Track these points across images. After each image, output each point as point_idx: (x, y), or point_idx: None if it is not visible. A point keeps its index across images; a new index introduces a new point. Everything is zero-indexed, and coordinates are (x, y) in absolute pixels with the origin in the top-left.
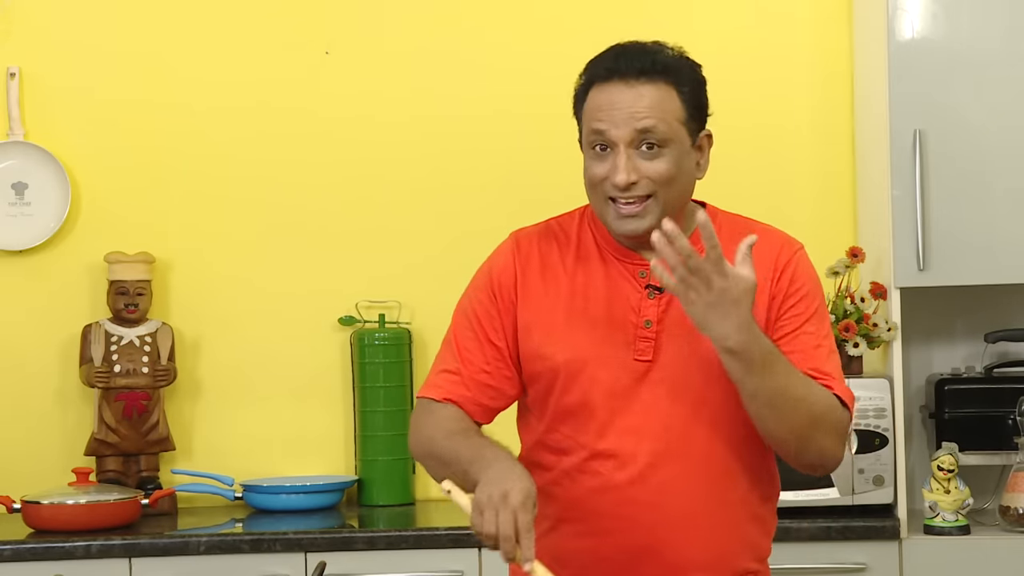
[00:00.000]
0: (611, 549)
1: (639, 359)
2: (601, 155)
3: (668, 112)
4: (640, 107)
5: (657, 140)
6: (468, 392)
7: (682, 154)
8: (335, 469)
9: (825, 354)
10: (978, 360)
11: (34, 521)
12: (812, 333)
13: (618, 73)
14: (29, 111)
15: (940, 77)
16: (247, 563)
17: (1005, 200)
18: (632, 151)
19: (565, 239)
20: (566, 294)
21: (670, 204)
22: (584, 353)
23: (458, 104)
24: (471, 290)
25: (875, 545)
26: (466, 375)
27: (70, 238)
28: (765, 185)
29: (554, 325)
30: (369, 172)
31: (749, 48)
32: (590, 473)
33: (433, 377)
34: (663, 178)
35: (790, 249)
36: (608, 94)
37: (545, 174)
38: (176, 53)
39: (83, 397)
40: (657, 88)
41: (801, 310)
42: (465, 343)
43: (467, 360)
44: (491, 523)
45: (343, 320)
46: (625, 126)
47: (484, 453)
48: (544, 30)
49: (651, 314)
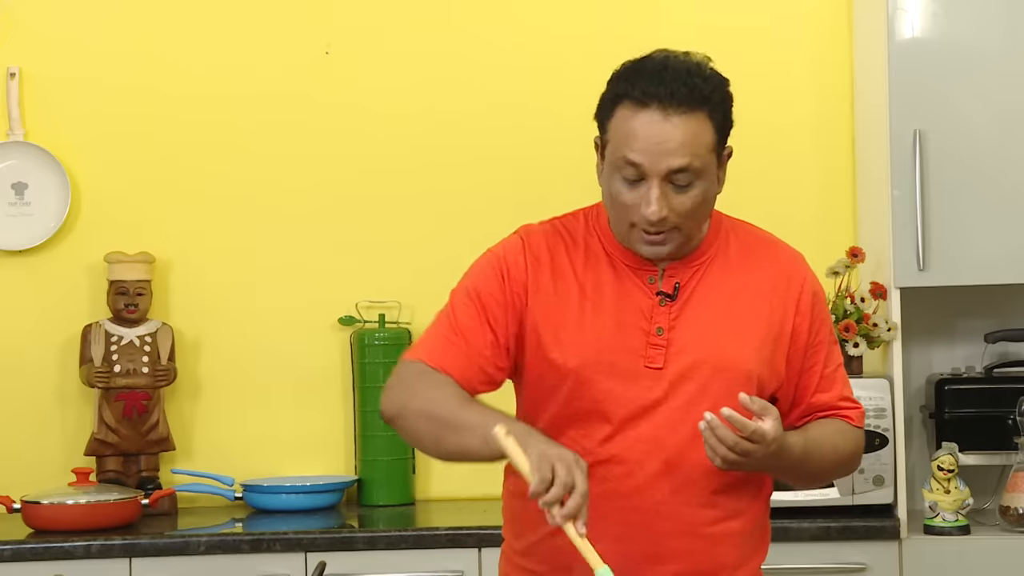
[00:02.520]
0: (616, 556)
1: (650, 366)
2: (631, 184)
3: (701, 145)
4: (675, 143)
5: (690, 178)
6: (462, 368)
7: (710, 182)
8: (335, 469)
9: (844, 377)
10: (978, 360)
11: (34, 521)
12: (834, 360)
13: (656, 100)
14: (29, 111)
15: (940, 77)
16: (247, 563)
17: (1005, 200)
18: (665, 184)
19: (572, 241)
20: (576, 297)
21: (691, 235)
22: (594, 359)
23: (458, 104)
24: (475, 271)
25: (875, 545)
26: (464, 350)
27: (70, 238)
28: (765, 185)
29: (564, 328)
30: (369, 172)
31: (749, 48)
32: (597, 479)
33: (430, 342)
34: (691, 212)
35: (800, 275)
36: (643, 123)
37: (546, 174)
38: (176, 53)
39: (83, 397)
40: (694, 119)
41: (822, 339)
42: (466, 321)
43: (467, 337)
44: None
45: (343, 320)
46: (661, 162)
47: (510, 422)
48: (545, 30)
49: (663, 321)
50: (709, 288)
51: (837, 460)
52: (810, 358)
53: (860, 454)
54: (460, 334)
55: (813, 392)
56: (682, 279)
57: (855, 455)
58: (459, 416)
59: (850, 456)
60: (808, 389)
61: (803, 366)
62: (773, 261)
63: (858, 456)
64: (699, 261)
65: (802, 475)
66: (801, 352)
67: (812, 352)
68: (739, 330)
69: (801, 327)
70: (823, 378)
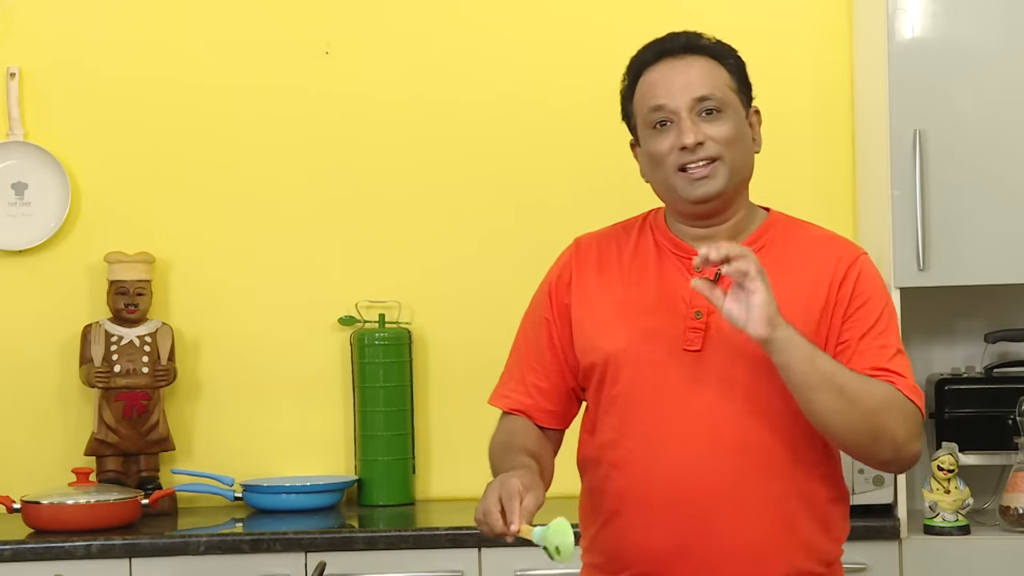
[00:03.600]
0: (660, 539)
1: (688, 349)
2: (663, 130)
3: (720, 79)
4: (693, 76)
5: (715, 105)
6: (531, 400)
7: (740, 121)
8: (335, 469)
9: (890, 354)
10: (978, 360)
11: (34, 521)
12: (877, 336)
13: (665, 52)
14: (29, 111)
15: (940, 77)
16: (247, 563)
17: (1005, 200)
18: (694, 116)
19: (626, 238)
20: (619, 288)
21: (736, 170)
22: (633, 342)
23: (458, 103)
24: (536, 295)
25: (875, 545)
26: (529, 382)
27: (70, 238)
28: (765, 185)
29: (605, 317)
30: (369, 172)
31: (749, 48)
32: (638, 463)
33: (500, 387)
34: (727, 139)
35: (851, 255)
36: (659, 72)
37: (546, 174)
38: (176, 54)
39: (83, 397)
40: (704, 61)
41: (864, 315)
42: (527, 349)
43: (529, 366)
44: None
45: (343, 320)
46: (683, 95)
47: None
48: (545, 30)
49: (701, 305)
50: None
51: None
52: (849, 328)
53: (903, 414)
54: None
55: (851, 356)
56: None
57: (889, 407)
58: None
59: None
60: (847, 352)
61: (839, 339)
62: (824, 251)
63: (897, 412)
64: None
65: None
66: (840, 321)
67: (852, 322)
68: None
69: (843, 297)
70: (858, 351)
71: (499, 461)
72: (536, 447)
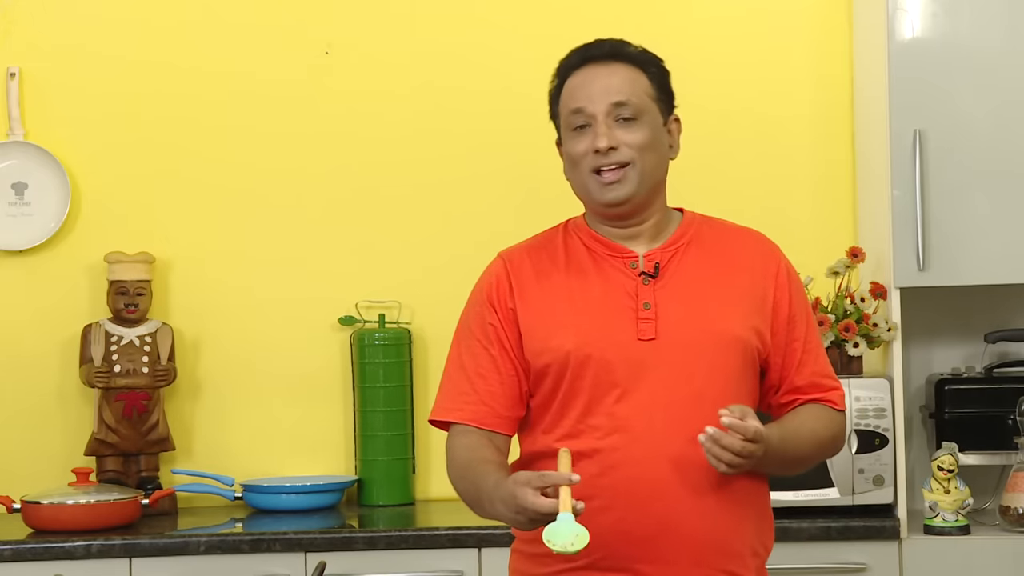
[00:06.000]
0: (631, 524)
1: (643, 339)
2: (581, 133)
3: (639, 87)
4: (613, 82)
5: (631, 112)
6: (486, 407)
7: (656, 128)
8: (335, 469)
9: (823, 358)
10: (978, 360)
11: (34, 521)
12: (811, 339)
13: (590, 59)
14: (29, 111)
15: (940, 77)
16: (247, 563)
17: (1005, 200)
18: (610, 121)
19: (552, 249)
20: (563, 291)
21: (647, 175)
22: (588, 338)
23: (459, 103)
24: (468, 311)
25: (875, 545)
26: (481, 390)
27: (70, 238)
28: (765, 185)
29: (555, 318)
30: (369, 172)
31: (749, 48)
32: (606, 451)
33: (446, 402)
34: (640, 145)
35: (776, 252)
36: (583, 76)
37: (545, 173)
38: (176, 54)
39: (83, 397)
40: (626, 68)
41: (799, 318)
42: (473, 359)
43: (479, 375)
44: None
45: (343, 320)
46: (601, 100)
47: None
48: (544, 31)
49: (648, 297)
50: (689, 266)
51: (817, 443)
52: (792, 331)
53: (842, 436)
54: (473, 375)
55: (797, 365)
56: (661, 260)
57: (836, 438)
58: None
59: (831, 439)
60: (792, 362)
61: (787, 338)
62: (746, 242)
63: (840, 438)
64: (675, 245)
65: (785, 463)
66: (784, 324)
67: (793, 325)
68: (724, 300)
69: (781, 299)
70: (806, 352)
71: (473, 475)
72: (498, 458)
